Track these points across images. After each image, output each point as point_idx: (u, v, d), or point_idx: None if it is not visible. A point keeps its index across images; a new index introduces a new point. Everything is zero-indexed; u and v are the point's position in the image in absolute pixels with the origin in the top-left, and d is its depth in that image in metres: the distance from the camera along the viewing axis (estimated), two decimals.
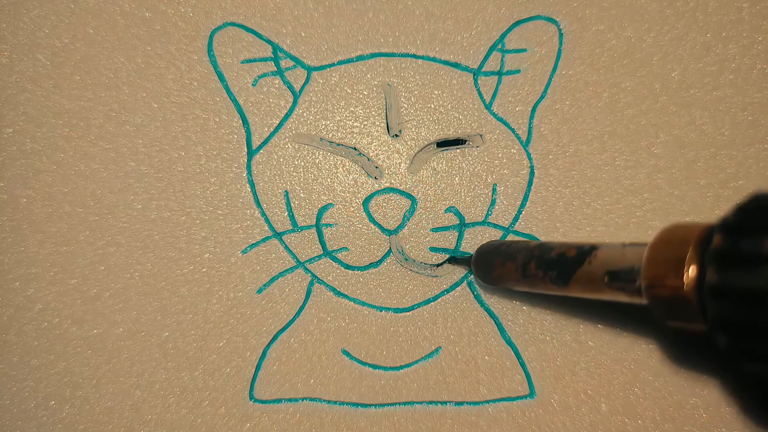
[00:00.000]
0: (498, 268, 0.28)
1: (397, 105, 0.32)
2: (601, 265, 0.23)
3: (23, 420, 0.30)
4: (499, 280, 0.29)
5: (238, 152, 0.32)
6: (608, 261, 0.23)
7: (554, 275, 0.25)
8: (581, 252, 0.24)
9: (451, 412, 0.30)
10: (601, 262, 0.24)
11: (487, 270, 0.29)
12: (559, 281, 0.25)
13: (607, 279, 0.23)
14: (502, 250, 0.29)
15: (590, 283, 0.24)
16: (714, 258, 0.19)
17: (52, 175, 0.31)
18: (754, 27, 0.32)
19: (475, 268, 0.30)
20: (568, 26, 0.32)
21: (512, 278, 0.28)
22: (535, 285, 0.27)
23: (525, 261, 0.27)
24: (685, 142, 0.31)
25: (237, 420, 0.30)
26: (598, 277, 0.23)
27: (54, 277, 0.30)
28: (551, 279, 0.25)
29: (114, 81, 0.32)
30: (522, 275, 0.27)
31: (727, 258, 0.18)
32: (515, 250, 0.28)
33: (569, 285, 0.25)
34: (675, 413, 0.29)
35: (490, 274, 0.29)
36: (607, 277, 0.23)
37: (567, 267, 0.25)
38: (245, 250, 0.31)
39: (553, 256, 0.26)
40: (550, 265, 0.26)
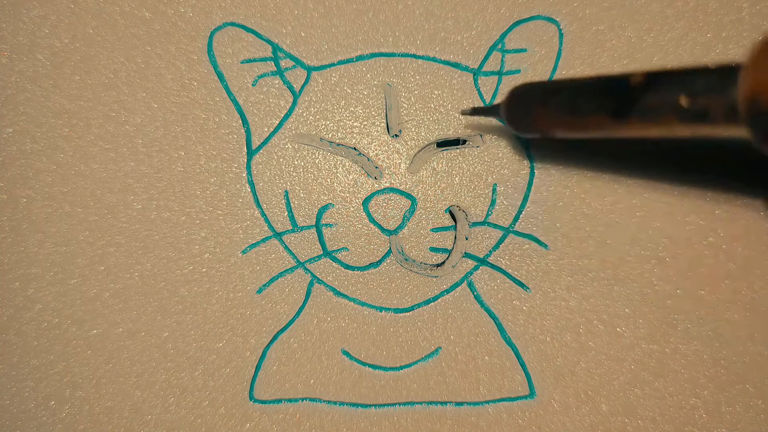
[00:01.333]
0: (538, 108, 0.24)
1: (397, 105, 0.32)
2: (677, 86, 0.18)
3: (23, 420, 0.30)
4: (539, 125, 0.24)
5: (238, 152, 0.32)
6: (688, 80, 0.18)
7: (613, 106, 0.20)
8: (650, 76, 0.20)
9: (451, 413, 0.30)
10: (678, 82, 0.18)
11: (525, 112, 0.25)
12: (620, 113, 0.20)
13: (687, 102, 0.18)
14: (543, 88, 0.24)
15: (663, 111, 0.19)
16: None
17: (52, 175, 0.31)
18: (754, 27, 0.32)
19: (508, 112, 0.25)
20: (568, 26, 0.32)
21: (557, 119, 0.23)
22: (588, 124, 0.22)
23: (574, 94, 0.22)
24: (685, 141, 0.31)
25: (237, 420, 0.30)
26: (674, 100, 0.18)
27: (54, 277, 0.30)
28: (609, 112, 0.20)
29: (114, 81, 0.32)
30: (569, 112, 0.22)
31: None
32: (560, 86, 0.23)
33: (631, 118, 0.20)
34: (675, 413, 0.29)
35: (528, 118, 0.24)
36: (687, 99, 0.18)
37: (631, 94, 0.20)
38: (245, 250, 0.31)
39: (613, 84, 0.21)
40: (609, 94, 0.21)
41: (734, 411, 0.29)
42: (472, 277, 0.31)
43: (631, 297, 0.30)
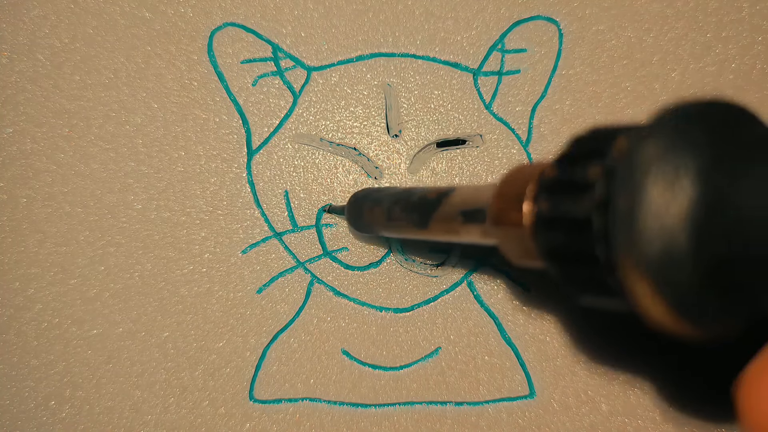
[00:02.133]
0: (367, 213, 0.28)
1: (397, 105, 0.32)
2: (456, 206, 0.23)
3: (23, 420, 0.30)
4: (369, 227, 0.29)
5: (238, 152, 0.32)
6: (463, 201, 0.23)
7: (416, 218, 0.25)
8: (439, 194, 0.25)
9: (451, 412, 0.30)
10: (457, 202, 0.24)
11: (358, 216, 0.29)
12: (420, 224, 0.25)
13: (461, 219, 0.23)
14: (371, 196, 0.29)
15: (448, 224, 0.24)
16: (544, 187, 0.18)
17: (52, 175, 0.31)
18: (754, 27, 0.32)
19: (348, 215, 0.30)
20: (568, 26, 0.32)
21: (380, 223, 0.28)
22: (400, 229, 0.27)
23: (390, 205, 0.27)
24: None
25: (237, 420, 0.30)
26: (454, 217, 0.23)
27: (54, 277, 0.30)
28: (413, 222, 0.25)
29: (114, 81, 0.32)
30: (387, 219, 0.27)
31: (556, 187, 0.18)
32: (382, 195, 0.28)
33: (429, 227, 0.25)
34: (675, 413, 0.29)
35: (360, 221, 0.29)
36: (462, 217, 0.23)
37: (426, 209, 0.25)
38: (245, 250, 0.31)
39: (415, 200, 0.26)
40: (412, 208, 0.26)
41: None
42: (472, 277, 0.31)
43: None
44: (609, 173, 0.16)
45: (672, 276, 0.15)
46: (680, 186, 0.15)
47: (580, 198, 0.17)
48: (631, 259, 0.15)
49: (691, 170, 0.15)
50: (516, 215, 0.20)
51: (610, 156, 0.16)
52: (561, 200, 0.18)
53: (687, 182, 0.15)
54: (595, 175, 0.16)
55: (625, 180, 0.15)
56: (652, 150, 0.15)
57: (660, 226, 0.15)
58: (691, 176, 0.15)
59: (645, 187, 0.15)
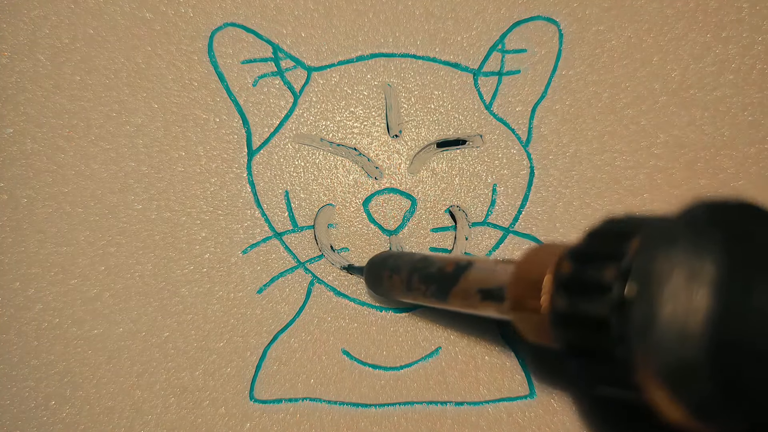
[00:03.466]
0: (386, 280, 0.28)
1: (397, 105, 0.32)
2: (474, 283, 0.24)
3: (23, 420, 0.30)
4: (388, 293, 0.29)
5: (239, 152, 0.32)
6: (480, 279, 0.23)
7: (434, 290, 0.25)
8: (457, 268, 0.25)
9: (451, 412, 0.30)
10: (475, 279, 0.24)
11: (377, 282, 0.29)
12: (439, 296, 0.25)
13: (480, 297, 0.23)
14: (390, 263, 0.29)
15: (466, 300, 0.24)
16: (560, 285, 0.19)
17: (53, 175, 0.31)
18: (754, 27, 0.32)
19: (366, 280, 0.30)
20: (568, 26, 0.32)
21: (399, 291, 0.28)
22: (419, 299, 0.27)
23: (409, 275, 0.27)
24: (685, 142, 0.31)
25: (237, 420, 0.30)
26: (472, 294, 0.24)
27: (54, 277, 0.30)
28: (432, 293, 0.26)
29: (114, 81, 0.32)
30: (406, 289, 0.27)
31: (573, 285, 0.18)
32: (401, 263, 0.28)
33: (448, 300, 0.25)
34: None
35: (380, 287, 0.29)
36: (480, 295, 0.23)
37: (445, 282, 0.25)
38: (245, 250, 0.31)
39: (434, 271, 0.26)
40: (431, 280, 0.26)
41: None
42: None
43: None
44: (625, 277, 0.16)
45: (689, 384, 0.15)
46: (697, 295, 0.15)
47: (597, 299, 0.17)
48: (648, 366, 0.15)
49: (708, 279, 0.15)
50: (534, 303, 0.20)
51: (626, 260, 0.16)
52: (578, 299, 0.18)
53: (704, 292, 0.15)
54: (612, 277, 0.17)
55: (642, 286, 0.16)
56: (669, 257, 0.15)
57: (677, 335, 0.15)
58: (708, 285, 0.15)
59: (662, 296, 0.15)
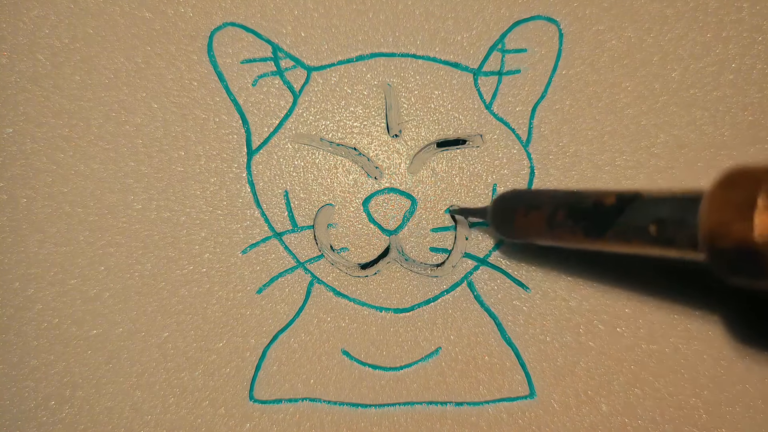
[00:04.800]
0: (520, 218, 0.25)
1: (397, 105, 0.32)
2: (646, 214, 0.20)
3: (23, 420, 0.30)
4: (520, 232, 0.26)
5: (238, 152, 0.32)
6: (656, 208, 0.20)
7: (588, 226, 0.22)
8: (622, 199, 0.21)
9: (451, 413, 0.30)
10: (647, 209, 0.20)
11: (507, 220, 0.26)
12: (595, 232, 0.22)
13: (654, 230, 0.20)
14: (526, 199, 0.26)
15: (633, 235, 0.21)
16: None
17: (52, 175, 0.31)
18: (754, 27, 0.32)
19: (493, 218, 0.27)
20: (568, 26, 0.32)
21: (536, 230, 0.25)
22: (564, 238, 0.23)
23: (552, 210, 0.23)
24: (685, 142, 0.31)
25: (237, 420, 0.30)
26: (644, 227, 0.20)
27: (54, 277, 0.30)
28: (585, 230, 0.22)
29: (114, 81, 0.32)
30: (548, 226, 0.24)
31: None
32: (541, 199, 0.25)
33: (606, 237, 0.21)
34: (675, 413, 0.29)
35: (510, 225, 0.26)
36: (655, 227, 0.20)
37: (604, 216, 0.21)
38: (245, 250, 0.31)
39: (588, 205, 0.22)
40: (584, 215, 0.22)
41: (734, 411, 0.29)
42: (472, 277, 0.31)
43: (631, 297, 0.30)
44: None
45: None
46: None
47: None
48: None
49: None
50: (742, 228, 0.17)
51: None
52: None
53: None
54: None
55: None
56: None
57: None
58: None
59: None
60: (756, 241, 0.17)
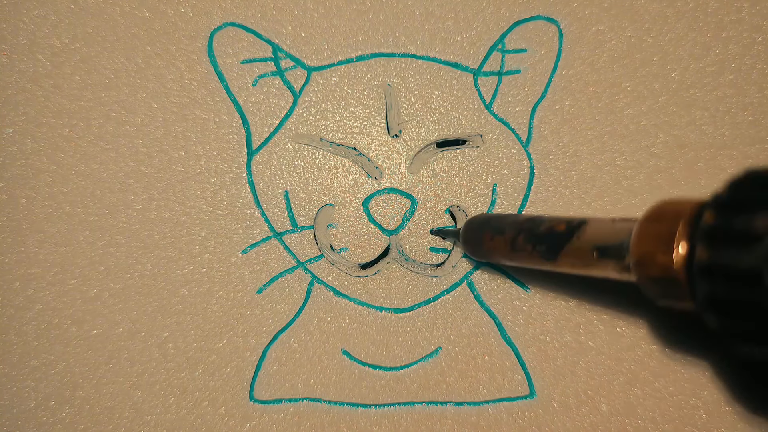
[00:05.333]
0: (487, 241, 0.28)
1: (397, 105, 0.32)
2: (590, 240, 0.23)
3: (23, 420, 0.30)
4: (488, 254, 0.28)
5: (238, 152, 0.32)
6: (597, 236, 0.23)
7: (543, 249, 0.25)
8: (570, 226, 0.24)
9: (451, 413, 0.30)
10: (590, 237, 0.23)
11: (477, 244, 0.29)
12: (548, 255, 0.24)
13: (596, 254, 0.22)
14: (492, 224, 0.28)
15: (579, 258, 0.23)
16: (705, 235, 0.18)
17: (52, 175, 0.31)
18: (754, 27, 0.32)
19: (464, 242, 0.29)
20: (568, 26, 0.32)
21: (501, 253, 0.27)
22: (524, 260, 0.26)
23: (514, 235, 0.26)
24: (685, 142, 0.31)
25: (237, 420, 0.30)
26: (587, 252, 0.23)
27: (54, 277, 0.30)
28: (540, 254, 0.25)
29: (114, 81, 0.32)
30: (511, 249, 0.26)
31: (718, 235, 0.17)
32: (504, 224, 0.27)
33: (558, 260, 0.24)
34: (675, 413, 0.29)
35: (479, 248, 0.29)
36: (596, 252, 0.22)
37: (556, 241, 0.24)
38: (245, 250, 0.31)
39: (543, 231, 0.25)
40: (540, 240, 0.25)
41: (734, 411, 0.29)
42: (472, 277, 0.31)
43: (630, 297, 0.30)
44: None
45: None
46: None
47: (747, 249, 0.16)
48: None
49: None
50: (664, 258, 0.19)
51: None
52: (723, 250, 0.17)
53: None
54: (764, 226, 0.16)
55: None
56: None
57: None
58: None
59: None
60: (676, 271, 0.19)
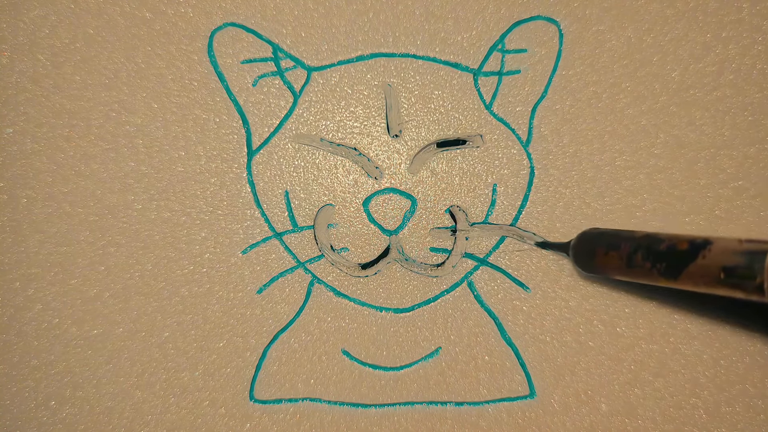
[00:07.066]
0: (600, 256, 0.28)
1: (397, 105, 0.32)
2: (717, 261, 0.23)
3: (23, 420, 0.30)
4: (600, 269, 0.29)
5: (239, 152, 0.32)
6: (725, 256, 0.23)
7: (663, 267, 0.25)
8: (694, 245, 0.24)
9: (451, 412, 0.30)
10: (717, 256, 0.23)
11: (588, 257, 0.29)
12: (669, 274, 0.25)
13: (723, 275, 0.22)
14: (606, 239, 0.28)
15: (703, 278, 0.23)
16: None
17: (52, 175, 0.31)
18: (754, 27, 0.32)
19: (575, 255, 0.30)
20: (568, 26, 0.32)
21: (615, 268, 0.27)
22: (641, 276, 0.26)
23: (631, 251, 0.26)
24: (685, 142, 0.31)
25: (237, 420, 0.30)
26: (713, 271, 0.23)
27: (54, 277, 0.30)
28: (659, 271, 0.25)
29: (114, 81, 0.32)
30: (627, 265, 0.27)
31: None
32: (620, 240, 0.27)
33: (680, 278, 0.24)
34: (675, 413, 0.29)
35: (591, 262, 0.29)
36: (723, 272, 0.22)
37: (678, 260, 0.24)
38: (245, 250, 0.31)
39: (663, 249, 0.25)
40: (660, 257, 0.25)
41: (734, 411, 0.29)
42: (472, 277, 0.31)
43: (630, 297, 0.30)
44: None
45: None
46: None
47: None
48: None
49: None
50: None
51: None
52: None
53: None
54: None
55: None
56: None
57: None
58: None
59: None
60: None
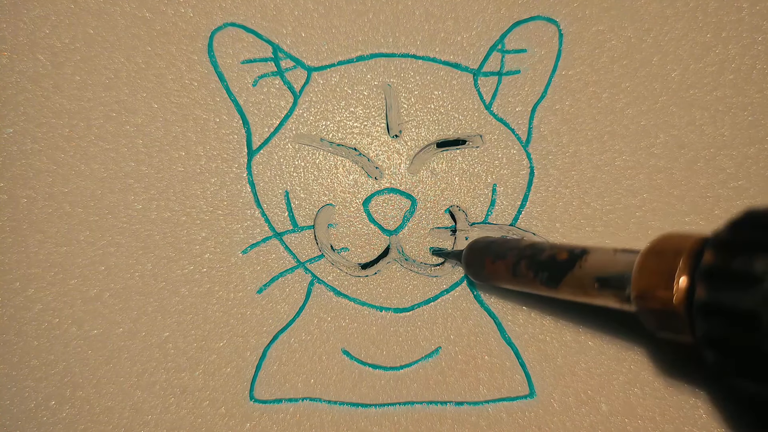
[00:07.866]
0: (489, 265, 0.28)
1: (397, 105, 0.32)
2: (591, 271, 0.23)
3: (23, 420, 0.30)
4: (489, 278, 0.29)
5: (239, 152, 0.32)
6: (599, 267, 0.23)
7: (545, 277, 0.25)
8: (572, 255, 0.24)
9: (451, 412, 0.30)
10: (592, 267, 0.23)
11: (478, 267, 0.29)
12: (550, 283, 0.25)
13: (597, 285, 0.23)
14: (493, 249, 0.28)
15: (580, 288, 0.24)
16: (704, 275, 0.18)
17: (52, 175, 0.31)
18: (754, 27, 0.32)
19: (466, 265, 0.30)
20: (568, 26, 0.32)
21: (502, 277, 0.28)
22: (525, 285, 0.27)
23: (516, 260, 0.27)
24: (685, 142, 0.31)
25: (237, 420, 0.30)
26: (589, 282, 0.23)
27: (54, 277, 0.30)
28: (541, 280, 0.25)
29: (114, 81, 0.32)
30: (512, 274, 0.27)
31: (718, 275, 0.18)
32: (506, 249, 0.28)
33: (559, 288, 0.25)
34: (675, 413, 0.29)
35: (480, 272, 0.29)
36: (597, 283, 0.23)
37: (558, 270, 0.25)
38: (245, 250, 0.31)
39: (545, 258, 0.25)
40: (541, 267, 0.25)
41: (734, 411, 0.29)
42: None
43: None
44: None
45: None
46: None
47: (745, 290, 0.17)
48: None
49: None
50: (665, 293, 0.20)
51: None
52: (722, 289, 0.17)
53: None
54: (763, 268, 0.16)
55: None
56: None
57: None
58: None
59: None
60: (676, 306, 0.19)
